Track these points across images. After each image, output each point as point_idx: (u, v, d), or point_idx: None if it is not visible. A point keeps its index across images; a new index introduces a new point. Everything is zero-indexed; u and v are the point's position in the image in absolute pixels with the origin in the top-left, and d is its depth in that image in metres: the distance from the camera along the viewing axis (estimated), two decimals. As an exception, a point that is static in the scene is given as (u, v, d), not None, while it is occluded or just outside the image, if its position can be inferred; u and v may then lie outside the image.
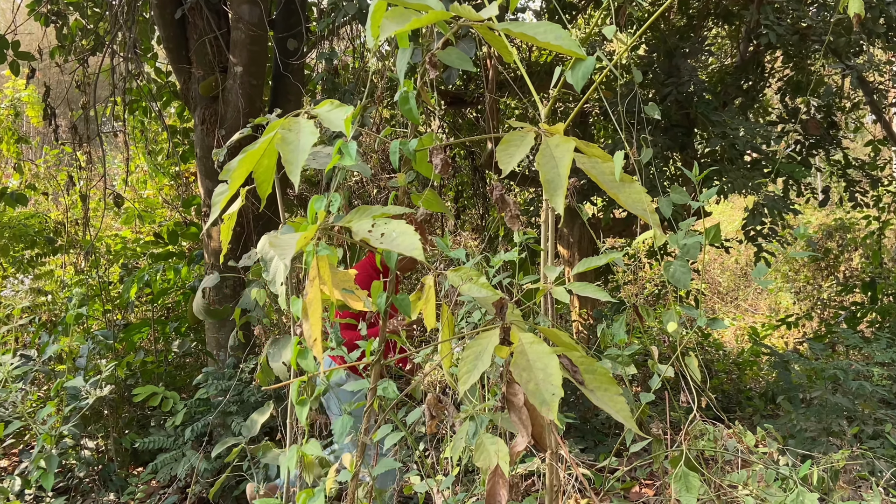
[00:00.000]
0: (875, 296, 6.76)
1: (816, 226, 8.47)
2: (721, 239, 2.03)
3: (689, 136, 4.53)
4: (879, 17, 4.37)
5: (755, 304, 9.09)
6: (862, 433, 4.66)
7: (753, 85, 5.09)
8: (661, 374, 2.11)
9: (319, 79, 3.77)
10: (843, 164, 5.72)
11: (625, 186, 1.41)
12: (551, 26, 1.27)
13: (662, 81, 4.29)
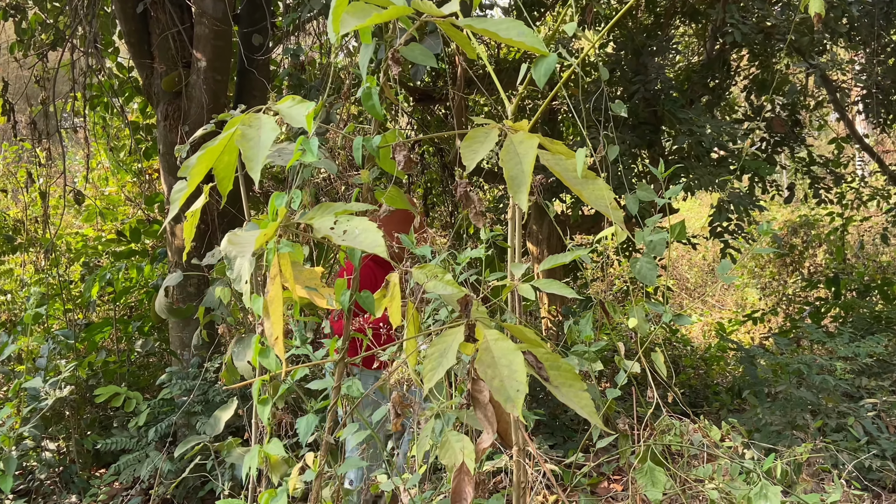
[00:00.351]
0: (838, 291, 6.89)
1: (782, 222, 8.62)
2: (686, 235, 2.06)
3: (656, 133, 4.58)
4: (842, 17, 4.45)
5: (722, 299, 9.22)
6: (826, 426, 4.76)
7: (720, 83, 5.16)
8: (628, 369, 2.13)
9: (285, 75, 3.75)
10: (808, 162, 5.82)
11: (588, 183, 1.43)
12: (514, 23, 1.27)
13: (630, 79, 4.34)
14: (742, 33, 4.13)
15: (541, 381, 1.41)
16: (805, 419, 4.51)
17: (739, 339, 7.50)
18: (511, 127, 1.41)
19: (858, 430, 4.73)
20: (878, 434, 4.81)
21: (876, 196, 7.05)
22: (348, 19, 1.11)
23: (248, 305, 1.43)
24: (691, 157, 4.37)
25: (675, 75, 5.47)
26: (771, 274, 8.33)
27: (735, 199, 4.43)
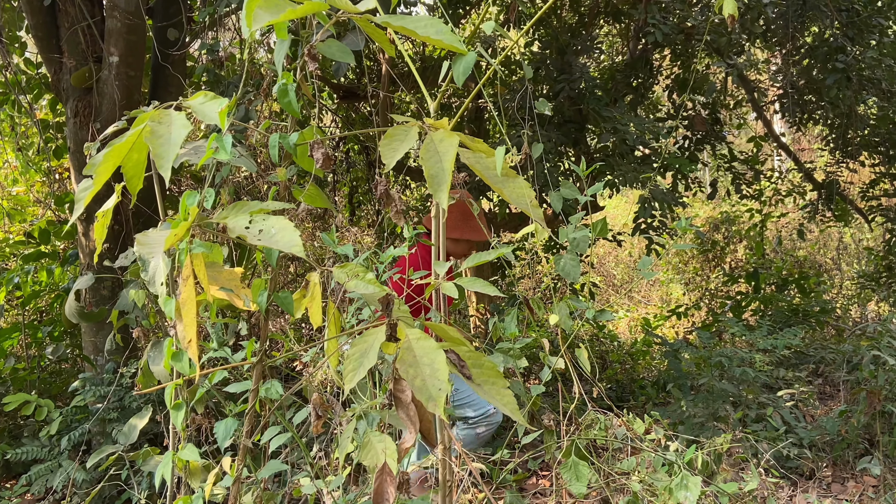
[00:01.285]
0: (758, 285, 7.17)
1: (704, 219, 8.92)
2: (608, 232, 2.11)
3: (581, 131, 4.68)
4: (758, 18, 4.63)
5: (648, 295, 9.48)
6: (746, 417, 4.95)
7: (643, 82, 5.30)
8: (552, 366, 2.17)
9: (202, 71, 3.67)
10: (729, 158, 6.04)
11: (509, 181, 1.45)
12: (432, 20, 1.28)
13: (555, 78, 4.41)
14: (663, 33, 4.26)
15: (463, 379, 1.43)
16: (726, 410, 4.67)
17: (664, 333, 7.73)
18: (432, 125, 1.42)
19: (777, 419, 4.94)
20: (796, 423, 5.03)
21: (792, 193, 7.37)
22: (261, 14, 1.10)
23: (162, 308, 1.40)
24: (616, 154, 4.48)
25: (600, 74, 5.59)
26: (694, 269, 8.61)
27: (659, 195, 4.56)
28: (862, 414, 4.99)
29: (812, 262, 8.76)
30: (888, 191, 6.74)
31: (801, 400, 5.59)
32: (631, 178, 4.39)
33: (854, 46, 5.08)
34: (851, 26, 5.06)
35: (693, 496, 2.11)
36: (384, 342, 1.41)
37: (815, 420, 5.29)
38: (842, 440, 4.90)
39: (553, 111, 4.50)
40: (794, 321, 6.88)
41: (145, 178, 1.37)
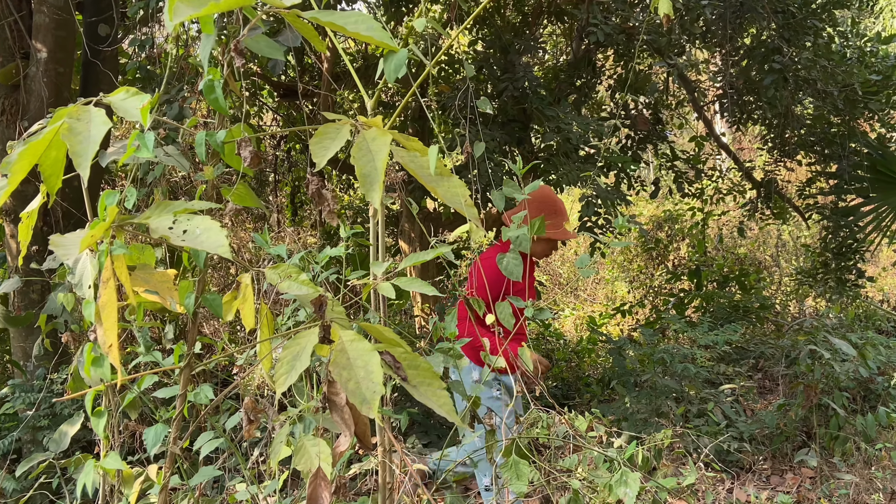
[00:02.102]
0: (700, 282, 7.32)
1: (648, 217, 9.07)
2: (545, 231, 2.12)
3: (525, 130, 4.71)
4: (697, 19, 4.72)
5: (593, 293, 9.60)
6: (689, 412, 5.04)
7: (586, 82, 5.36)
8: (493, 365, 2.17)
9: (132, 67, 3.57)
10: (671, 157, 6.15)
11: (443, 180, 1.44)
12: (363, 16, 1.27)
13: (498, 77, 4.43)
14: (605, 34, 4.31)
15: (398, 380, 1.42)
16: (669, 406, 4.76)
17: (609, 331, 7.83)
18: (365, 123, 1.40)
19: (718, 414, 5.04)
20: (737, 418, 5.15)
21: (733, 191, 7.55)
22: (182, 8, 1.07)
23: (86, 312, 1.36)
24: (559, 153, 4.51)
25: (544, 74, 5.64)
26: (638, 267, 8.75)
27: (602, 194, 4.61)
28: (799, 407, 5.13)
29: (752, 259, 8.99)
30: (824, 189, 6.94)
31: (742, 394, 5.73)
32: (574, 178, 4.43)
33: (790, 48, 5.22)
34: (787, 28, 5.20)
35: (632, 492, 2.14)
36: (317, 344, 1.39)
37: (755, 414, 5.42)
38: (780, 433, 5.03)
39: (497, 110, 4.52)
40: (734, 317, 7.04)
41: (76, 178, 1.33)
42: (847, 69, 5.36)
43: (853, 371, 5.31)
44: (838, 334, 6.16)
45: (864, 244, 6.80)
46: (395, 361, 1.43)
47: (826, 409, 5.10)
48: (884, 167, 6.42)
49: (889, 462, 4.53)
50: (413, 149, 1.49)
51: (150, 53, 3.64)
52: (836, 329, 6.35)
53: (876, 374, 5.36)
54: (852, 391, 5.37)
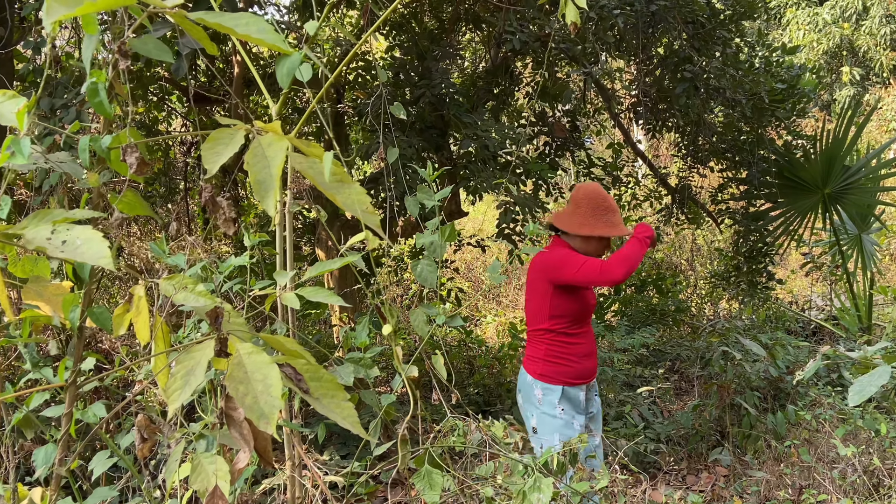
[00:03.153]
0: (619, 287, 7.48)
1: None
2: (455, 238, 2.11)
3: (444, 137, 4.72)
4: (610, 28, 4.83)
5: (516, 299, 9.69)
6: (607, 415, 5.13)
7: (504, 89, 5.41)
8: (404, 373, 2.15)
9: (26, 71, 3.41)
10: (588, 165, 6.27)
11: (343, 187, 1.41)
12: (254, 18, 1.23)
13: (415, 83, 4.43)
14: (521, 41, 4.36)
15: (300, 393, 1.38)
16: (588, 410, 4.83)
17: (532, 336, 7.90)
18: (262, 128, 1.36)
19: (635, 416, 5.15)
20: (654, 419, 5.27)
21: (649, 197, 7.74)
22: (55, 7, 1.01)
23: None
24: (477, 160, 4.54)
25: (463, 80, 5.67)
26: (560, 273, 8.86)
27: (520, 201, 4.65)
28: (713, 407, 5.28)
29: (669, 264, 9.24)
30: (735, 195, 7.19)
31: (659, 396, 5.87)
32: (492, 185, 4.46)
33: (700, 57, 5.39)
34: (697, 38, 5.37)
35: (546, 497, 2.15)
36: (214, 358, 1.34)
37: (672, 415, 5.56)
38: (695, 433, 5.17)
39: (415, 117, 4.52)
40: (652, 320, 7.21)
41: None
42: (754, 78, 5.57)
43: (764, 371, 5.51)
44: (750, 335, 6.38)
45: (774, 248, 7.06)
46: (297, 374, 1.39)
47: (739, 409, 5.27)
48: (790, 173, 6.69)
49: (798, 459, 4.71)
50: (313, 155, 1.45)
51: (51, 55, 3.48)
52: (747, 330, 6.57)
53: (785, 373, 5.57)
54: (763, 390, 5.56)
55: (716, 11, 5.41)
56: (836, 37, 15.26)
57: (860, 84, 15.67)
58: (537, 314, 3.31)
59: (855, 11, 15.20)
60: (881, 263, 10.65)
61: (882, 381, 2.52)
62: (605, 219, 3.27)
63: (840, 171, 6.54)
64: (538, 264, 3.33)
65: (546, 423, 3.22)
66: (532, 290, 3.34)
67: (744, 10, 5.52)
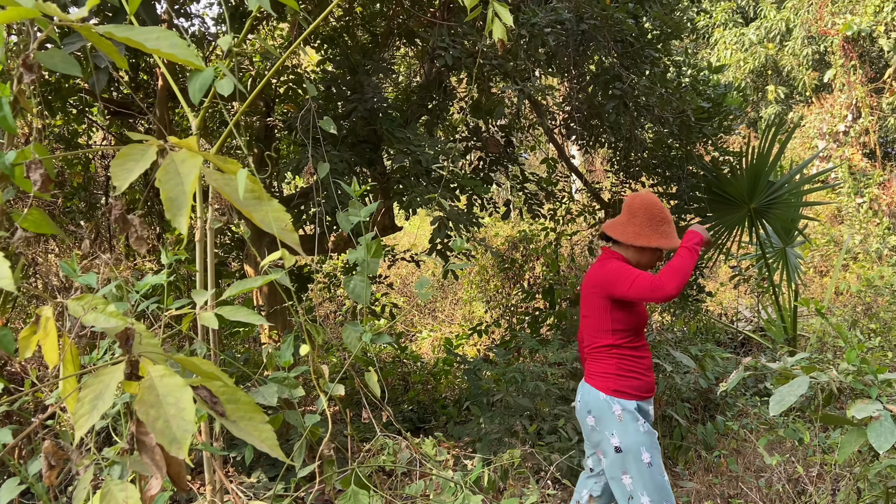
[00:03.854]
0: (553, 301, 7.56)
1: (504, 237, 9.31)
2: (382, 254, 2.11)
3: (376, 152, 4.71)
4: (541, 46, 4.91)
5: (451, 314, 9.72)
6: (542, 430, 5.16)
7: (438, 104, 5.43)
8: (330, 392, 2.13)
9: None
10: (521, 180, 6.34)
11: (261, 204, 1.39)
12: (165, 33, 1.21)
13: (347, 97, 4.41)
14: (453, 57, 4.39)
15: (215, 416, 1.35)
16: (522, 425, 4.86)
17: (466, 352, 7.94)
18: (176, 144, 1.34)
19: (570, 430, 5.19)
20: (587, 432, 5.32)
21: (584, 212, 7.87)
22: (-51, 18, 0.98)
23: None
24: (411, 175, 4.54)
25: (397, 95, 5.68)
26: (495, 287, 8.95)
27: (454, 216, 4.67)
28: (645, 419, 5.36)
29: (603, 277, 9.35)
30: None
31: (594, 409, 5.93)
32: (425, 200, 4.46)
33: (630, 75, 5.52)
34: (626, 57, 5.50)
35: (474, 515, 2.15)
36: (125, 381, 1.31)
37: (606, 428, 5.63)
38: (628, 445, 5.23)
39: (347, 131, 4.49)
40: (586, 334, 7.29)
41: None
42: (682, 96, 5.72)
43: (694, 382, 5.64)
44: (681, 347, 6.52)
45: (703, 261, 7.24)
46: (212, 396, 1.36)
47: (670, 420, 5.37)
48: (718, 189, 6.88)
49: (726, 469, 4.82)
50: (230, 171, 1.43)
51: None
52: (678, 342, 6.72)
53: (714, 384, 5.70)
54: (693, 402, 5.69)
55: (644, 31, 5.56)
56: (761, 56, 15.82)
57: (785, 102, 16.27)
58: (598, 330, 3.23)
59: (779, 32, 15.79)
60: (805, 276, 11.04)
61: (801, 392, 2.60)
62: (660, 230, 3.25)
63: (765, 187, 6.76)
64: (592, 279, 3.27)
65: (632, 440, 3.08)
66: (589, 307, 3.26)
67: (671, 31, 5.68)
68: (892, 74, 13.99)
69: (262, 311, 4.60)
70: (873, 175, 13.66)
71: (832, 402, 2.73)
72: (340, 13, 5.16)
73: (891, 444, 1.77)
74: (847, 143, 14.20)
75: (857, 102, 14.22)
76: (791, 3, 15.82)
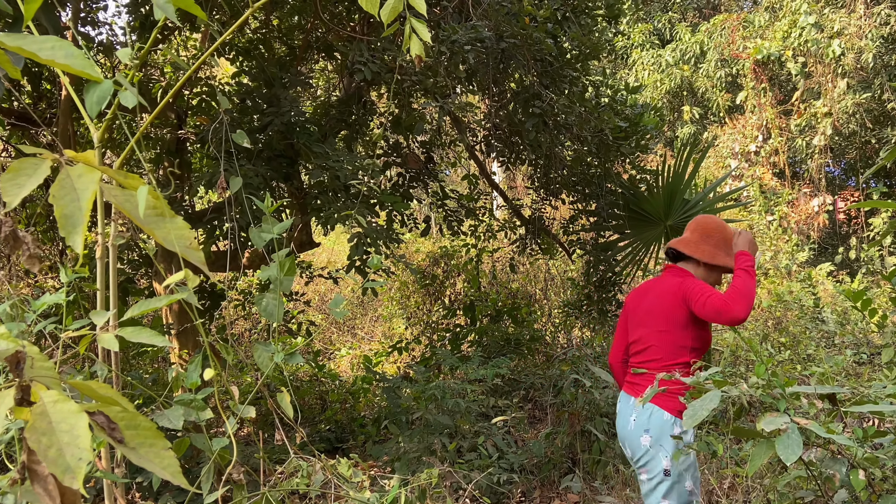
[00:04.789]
0: (474, 317, 7.62)
1: (425, 253, 9.33)
2: (295, 272, 2.08)
3: (293, 166, 4.66)
4: (461, 63, 4.96)
5: (371, 331, 9.67)
6: (462, 447, 5.18)
7: (358, 119, 5.42)
8: (240, 414, 2.08)
9: None
10: (441, 196, 6.38)
11: (163, 222, 1.36)
12: (61, 42, 1.17)
13: (263, 111, 4.36)
14: (372, 71, 4.40)
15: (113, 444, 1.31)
16: (442, 443, 4.86)
17: (386, 369, 7.91)
18: (72, 157, 1.29)
19: (490, 447, 5.23)
20: (508, 449, 5.36)
21: (504, 228, 7.96)
22: None
23: None
24: (329, 191, 4.51)
25: (315, 109, 5.64)
26: (416, 303, 8.95)
27: (373, 232, 4.65)
28: (565, 435, 5.45)
29: (524, 293, 9.51)
30: (585, 226, 7.52)
31: (513, 426, 6.00)
32: (343, 216, 4.44)
33: (549, 94, 5.63)
34: (546, 75, 5.61)
35: (389, 538, 2.13)
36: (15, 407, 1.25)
37: (526, 444, 5.69)
38: (548, 461, 5.31)
39: (263, 144, 4.43)
40: (507, 350, 7.38)
41: None
42: (600, 115, 5.87)
43: (612, 397, 5.75)
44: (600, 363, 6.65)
45: (622, 277, 7.42)
46: (110, 422, 1.31)
47: (589, 435, 5.47)
48: (636, 206, 7.07)
49: (643, 482, 4.93)
50: (131, 187, 1.39)
51: None
52: (598, 357, 6.86)
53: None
54: (612, 416, 5.80)
55: (563, 51, 5.68)
56: (677, 78, 16.40)
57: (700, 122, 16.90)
58: (680, 347, 3.18)
59: (694, 55, 16.41)
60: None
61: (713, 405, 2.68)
62: (730, 251, 3.31)
63: (680, 204, 6.98)
64: (676, 292, 3.22)
65: (682, 466, 3.07)
66: (669, 321, 3.20)
67: (589, 51, 5.82)
68: (799, 97, 14.71)
69: (171, 329, 4.48)
70: (783, 194, 14.30)
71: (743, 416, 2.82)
72: (257, 25, 5.11)
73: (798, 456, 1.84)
74: (758, 163, 14.83)
75: (767, 123, 14.88)
76: (705, 27, 16.47)
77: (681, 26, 17.13)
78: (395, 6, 1.91)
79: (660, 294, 3.27)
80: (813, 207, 14.34)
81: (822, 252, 14.34)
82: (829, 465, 2.29)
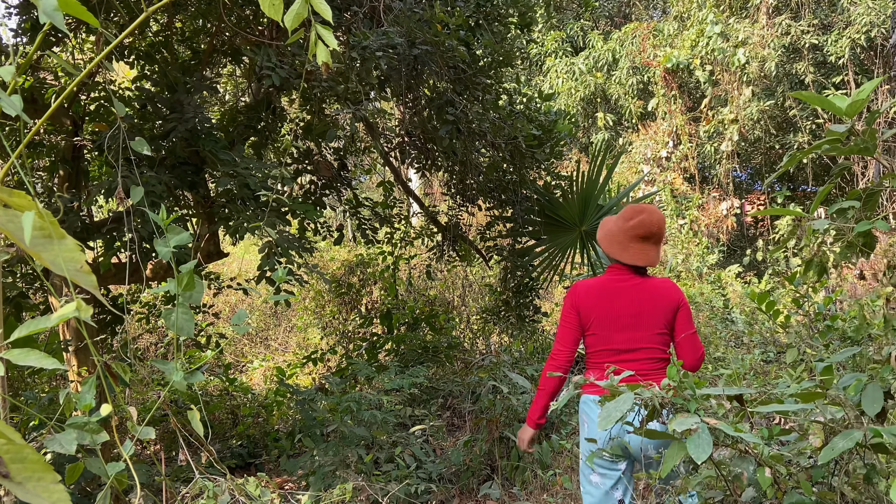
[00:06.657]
0: (391, 326, 7.62)
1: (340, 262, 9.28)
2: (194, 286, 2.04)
3: (199, 174, 4.56)
4: (375, 69, 4.96)
5: (285, 342, 9.55)
6: (379, 459, 5.16)
7: (267, 125, 5.35)
8: (137, 435, 2.03)
9: None
10: (354, 204, 6.36)
11: (51, 244, 1.31)
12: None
13: (165, 116, 4.26)
14: (281, 77, 4.35)
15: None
16: (359, 455, 4.84)
17: (301, 381, 7.82)
18: (-52, 175, 1.24)
19: (408, 457, 5.23)
20: (426, 458, 5.38)
21: (422, 235, 7.99)
22: None
23: None
24: (237, 199, 4.44)
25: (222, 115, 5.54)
26: (331, 313, 8.88)
27: (284, 242, 4.60)
28: (483, 442, 5.50)
29: (442, 300, 9.56)
30: (502, 232, 7.62)
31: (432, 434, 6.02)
32: (252, 226, 4.37)
33: (463, 101, 5.69)
34: (459, 83, 5.66)
35: (297, 558, 2.12)
36: None
37: (444, 452, 5.72)
38: (467, 469, 5.35)
39: (166, 152, 4.33)
40: (425, 358, 7.41)
41: None
42: (513, 123, 5.96)
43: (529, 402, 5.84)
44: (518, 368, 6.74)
45: (539, 282, 7.55)
46: (-7, 454, 1.27)
47: (508, 441, 5.53)
48: (551, 212, 7.21)
49: (560, 487, 5.03)
50: (17, 206, 1.34)
51: None
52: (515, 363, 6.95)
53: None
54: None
55: (476, 58, 5.75)
56: (591, 85, 16.79)
57: (613, 129, 17.34)
58: (667, 349, 3.29)
59: (606, 62, 16.84)
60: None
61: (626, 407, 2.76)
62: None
63: (594, 210, 7.15)
64: (676, 291, 3.29)
65: None
66: (668, 324, 3.27)
67: (502, 59, 5.91)
68: (707, 104, 15.28)
69: (69, 347, 4.32)
70: (693, 198, 14.82)
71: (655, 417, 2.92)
72: (158, 28, 4.99)
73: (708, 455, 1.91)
74: (669, 168, 15.33)
75: (677, 130, 15.40)
76: (616, 35, 16.93)
77: (593, 34, 17.56)
78: (300, 12, 1.90)
79: (654, 296, 3.26)
80: (721, 211, 14.91)
81: (730, 254, 14.92)
82: (737, 463, 2.38)
